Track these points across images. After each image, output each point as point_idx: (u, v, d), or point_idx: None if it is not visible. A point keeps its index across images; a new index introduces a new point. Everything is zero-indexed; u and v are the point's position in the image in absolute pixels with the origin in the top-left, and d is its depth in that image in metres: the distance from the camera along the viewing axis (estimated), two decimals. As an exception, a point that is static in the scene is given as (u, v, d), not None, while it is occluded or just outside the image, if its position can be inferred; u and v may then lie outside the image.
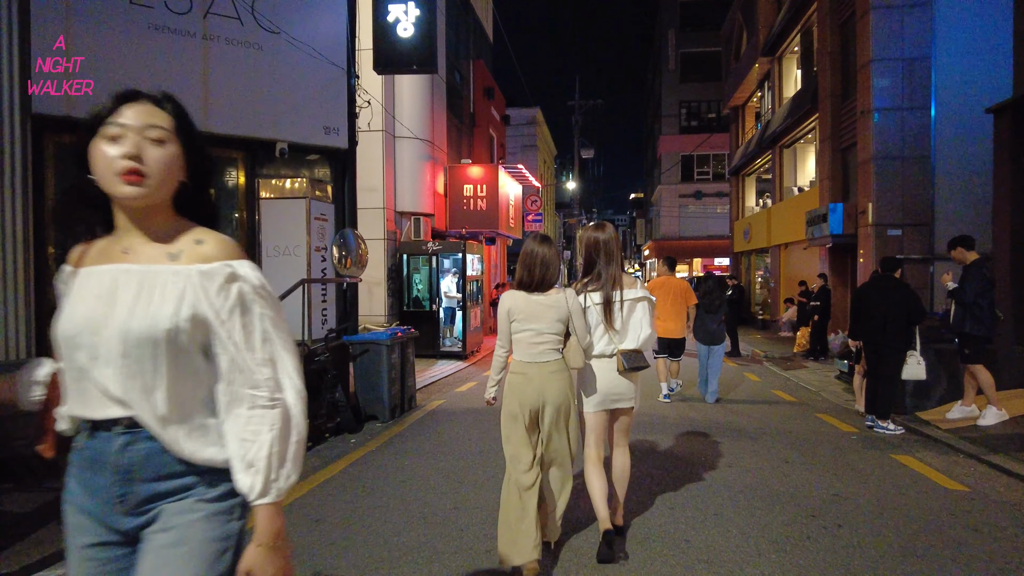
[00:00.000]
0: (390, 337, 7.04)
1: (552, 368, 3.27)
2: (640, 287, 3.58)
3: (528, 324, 3.28)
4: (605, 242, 3.51)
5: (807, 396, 8.99)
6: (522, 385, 3.27)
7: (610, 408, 3.51)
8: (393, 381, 7.16)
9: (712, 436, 6.39)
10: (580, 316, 3.36)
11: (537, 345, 3.28)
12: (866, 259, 13.15)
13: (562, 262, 4.61)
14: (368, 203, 12.75)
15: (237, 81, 6.59)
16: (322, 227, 7.20)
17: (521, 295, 3.31)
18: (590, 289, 3.52)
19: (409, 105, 13.27)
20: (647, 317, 3.52)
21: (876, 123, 12.81)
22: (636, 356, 3.44)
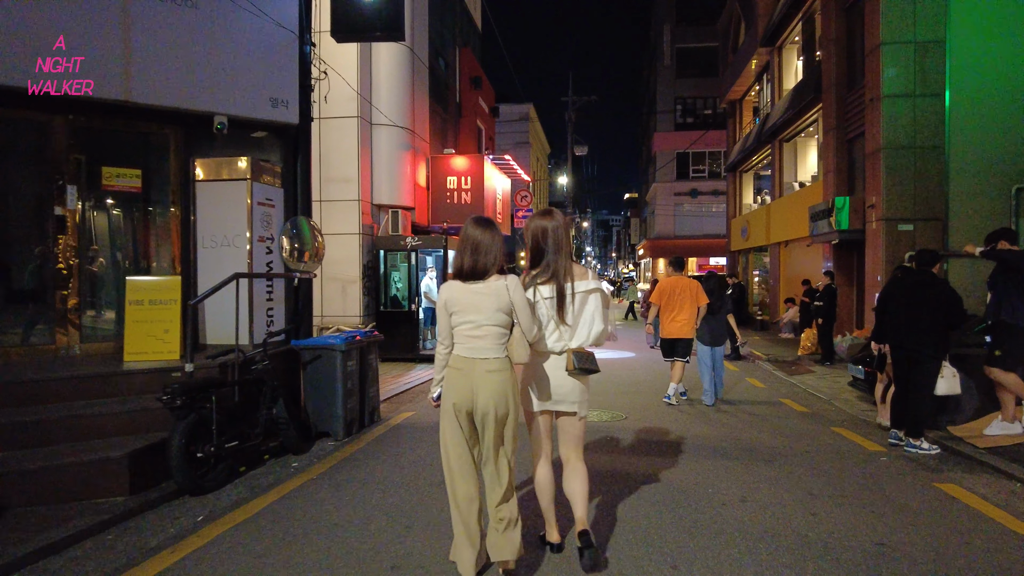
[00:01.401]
0: (345, 341, 6.03)
1: (491, 367, 2.98)
2: (592, 277, 3.25)
3: (466, 316, 2.99)
4: (553, 230, 3.18)
5: (819, 406, 8.01)
6: (456, 381, 3.01)
7: (553, 409, 3.25)
8: (350, 392, 6.15)
9: (720, 458, 5.39)
10: (525, 306, 3.03)
11: (476, 339, 3.00)
12: (875, 256, 12.20)
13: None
14: (341, 195, 11.75)
15: (165, 44, 5.57)
16: (268, 214, 6.19)
17: (458, 285, 3.03)
18: (540, 282, 3.18)
19: (387, 90, 12.26)
20: (600, 311, 3.23)
21: (886, 111, 11.85)
22: (588, 358, 3.17)
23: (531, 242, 3.24)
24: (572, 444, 3.32)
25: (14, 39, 4.90)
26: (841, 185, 14.17)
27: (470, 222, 3.11)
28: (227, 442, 4.77)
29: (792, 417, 7.23)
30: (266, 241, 6.20)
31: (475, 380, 2.98)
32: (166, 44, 5.60)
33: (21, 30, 4.93)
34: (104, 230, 6.09)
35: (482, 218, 3.13)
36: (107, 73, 5.25)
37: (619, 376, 10.21)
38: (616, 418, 6.92)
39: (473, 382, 2.98)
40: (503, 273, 3.04)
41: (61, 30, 5.05)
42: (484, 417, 3.00)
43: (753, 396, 8.58)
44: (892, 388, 6.46)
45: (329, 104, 11.79)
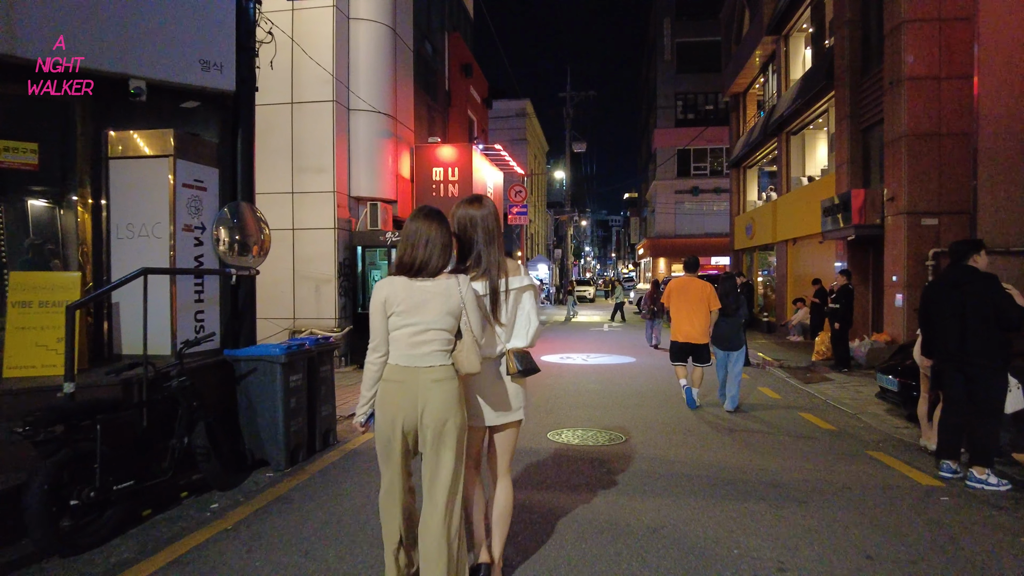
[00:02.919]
0: (287, 352, 4.95)
1: (437, 375, 2.65)
2: (524, 273, 2.99)
3: (410, 317, 2.64)
4: (483, 219, 2.87)
5: (845, 421, 6.94)
6: (395, 396, 2.66)
7: (495, 423, 2.91)
8: (294, 412, 5.08)
9: (743, 498, 4.31)
10: (476, 307, 2.72)
11: (420, 344, 2.66)
12: (895, 253, 11.13)
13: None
14: (315, 186, 10.69)
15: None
16: (197, 198, 5.12)
17: (401, 281, 2.67)
18: (471, 277, 2.82)
19: (367, 73, 11.20)
20: (535, 308, 2.96)
21: (908, 95, 10.77)
22: (527, 357, 2.88)
23: (458, 232, 2.86)
24: (505, 455, 2.97)
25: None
26: (856, 177, 13.09)
27: (417, 212, 2.75)
28: (119, 482, 3.70)
29: (818, 437, 6.15)
30: (195, 230, 5.13)
31: (420, 392, 2.62)
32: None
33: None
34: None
35: (431, 208, 2.78)
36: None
37: (618, 386, 9.13)
38: (614, 440, 5.84)
39: (417, 394, 2.62)
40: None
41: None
42: (436, 433, 2.62)
43: (770, 409, 7.50)
44: (938, 408, 5.41)
45: (301, 87, 10.76)
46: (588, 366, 11.18)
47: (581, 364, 11.43)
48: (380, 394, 2.68)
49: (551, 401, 7.77)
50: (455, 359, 2.67)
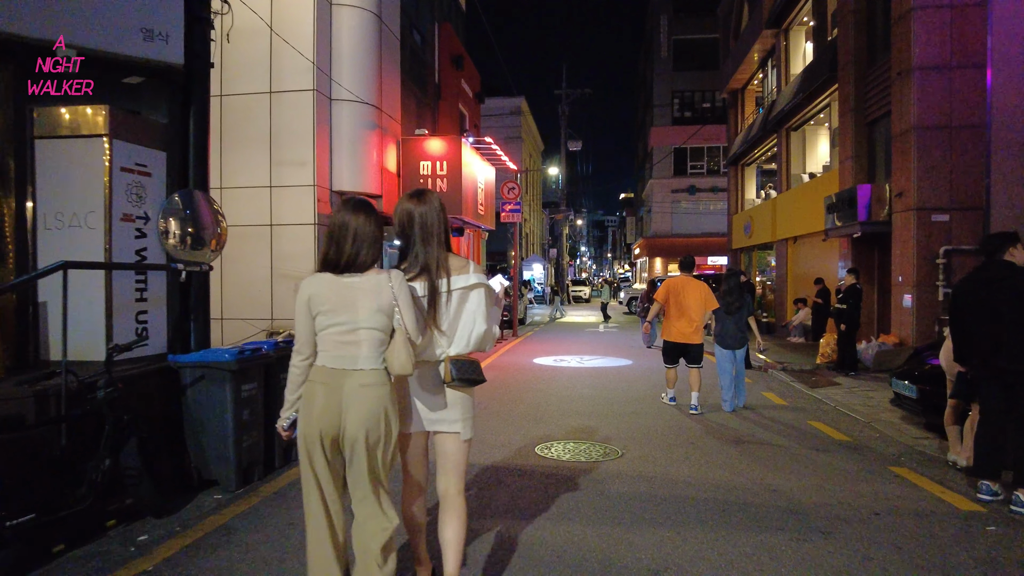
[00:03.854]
0: (238, 358, 4.34)
1: (365, 380, 2.44)
2: (475, 269, 2.68)
3: (337, 316, 2.44)
4: (421, 215, 2.61)
5: (859, 431, 6.35)
6: (318, 398, 2.43)
7: (427, 429, 2.66)
8: (247, 426, 4.47)
9: (757, 528, 3.71)
10: (410, 304, 2.48)
11: (349, 345, 2.45)
12: (903, 251, 10.56)
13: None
14: (294, 179, 10.06)
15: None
16: (138, 184, 4.50)
17: (327, 278, 2.46)
18: (408, 277, 2.58)
19: (350, 61, 10.57)
20: (482, 309, 2.63)
21: (917, 86, 10.21)
22: (469, 365, 2.58)
23: (397, 229, 2.68)
24: (452, 473, 2.71)
25: None
26: (861, 173, 12.53)
27: (344, 204, 2.60)
28: (15, 516, 3.08)
29: (832, 449, 5.56)
30: (135, 221, 4.51)
31: (345, 397, 2.44)
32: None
33: None
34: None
35: (359, 199, 2.64)
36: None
37: (614, 391, 8.53)
38: (609, 455, 5.23)
39: (342, 399, 2.44)
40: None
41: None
42: (355, 444, 2.45)
43: (776, 417, 6.91)
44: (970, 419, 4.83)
45: (280, 75, 10.14)
46: (582, 369, 10.58)
47: (575, 367, 10.83)
48: (304, 397, 2.50)
49: (542, 409, 7.16)
50: (386, 358, 2.47)
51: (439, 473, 2.71)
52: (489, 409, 7.13)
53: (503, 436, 5.84)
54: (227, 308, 10.24)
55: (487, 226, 14.92)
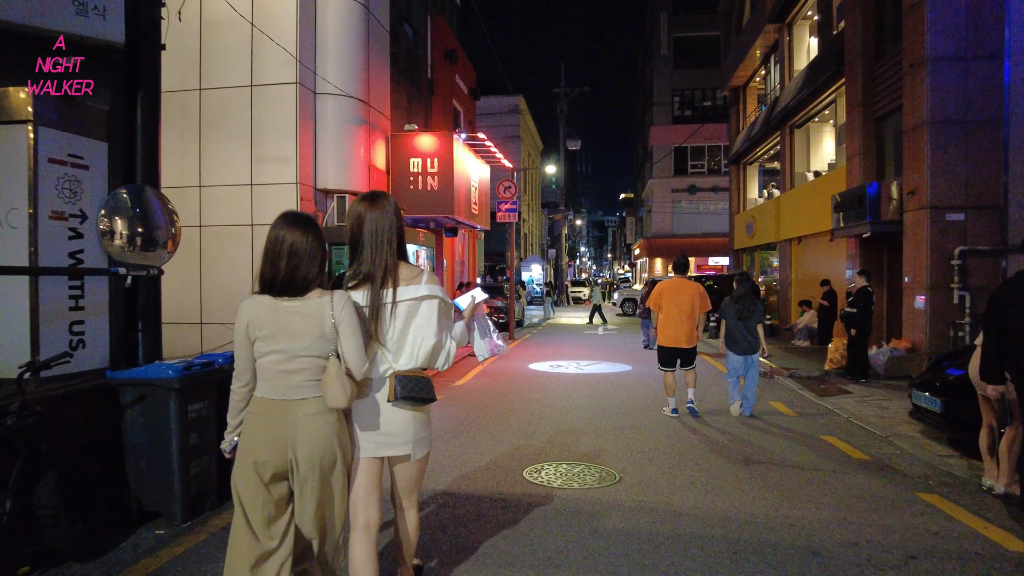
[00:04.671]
0: (182, 374, 3.81)
1: (311, 408, 2.30)
2: (428, 280, 2.49)
3: (276, 343, 2.28)
4: (372, 220, 2.45)
5: (877, 448, 5.81)
6: (262, 432, 2.30)
7: (380, 455, 2.48)
8: (196, 450, 3.94)
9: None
10: (355, 330, 2.32)
11: (290, 374, 2.30)
12: (915, 252, 10.02)
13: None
14: (275, 177, 9.55)
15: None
16: (72, 179, 3.98)
17: (266, 302, 2.31)
18: (351, 286, 2.43)
19: (336, 54, 10.06)
20: (433, 323, 2.46)
21: (931, 78, 9.66)
22: (416, 382, 2.41)
23: (347, 233, 2.52)
24: (407, 490, 2.62)
25: None
26: (869, 170, 11.99)
27: (279, 218, 2.37)
28: None
29: (851, 470, 5.02)
30: (69, 219, 3.97)
31: (293, 428, 2.27)
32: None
33: None
34: None
35: (298, 214, 2.42)
36: None
37: (612, 401, 7.99)
38: (606, 480, 4.69)
39: (290, 430, 2.27)
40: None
41: None
42: (308, 475, 2.28)
43: (786, 430, 6.38)
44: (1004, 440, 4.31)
45: (262, 68, 9.63)
46: (579, 376, 10.04)
47: (572, 374, 10.29)
48: (244, 429, 2.35)
49: (534, 423, 6.63)
50: (322, 388, 2.29)
51: (394, 488, 2.61)
52: (477, 424, 6.60)
53: (490, 456, 5.30)
54: (207, 312, 9.72)
55: (481, 226, 14.38)
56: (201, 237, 9.70)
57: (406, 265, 2.51)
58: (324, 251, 2.41)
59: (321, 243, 2.39)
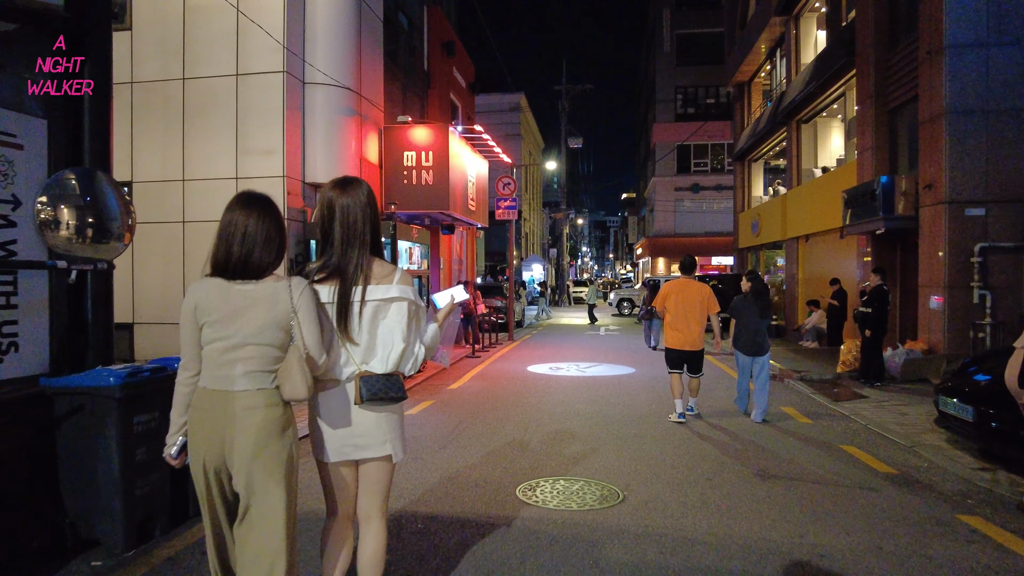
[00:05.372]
0: (124, 381, 3.32)
1: (249, 402, 2.13)
2: (401, 280, 2.32)
3: (224, 329, 2.13)
4: (344, 208, 2.28)
5: (903, 460, 5.31)
6: (201, 427, 2.15)
7: (352, 458, 2.32)
8: (143, 468, 3.45)
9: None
10: (312, 318, 2.19)
11: (233, 363, 2.14)
12: (932, 248, 9.52)
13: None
14: (261, 170, 9.07)
15: None
16: (1, 159, 3.49)
17: (217, 284, 2.17)
18: (317, 279, 2.27)
19: (326, 42, 9.57)
20: (401, 326, 2.29)
21: (950, 66, 9.15)
22: (385, 382, 2.25)
23: (316, 222, 2.33)
24: (374, 495, 2.37)
25: None
26: (882, 164, 11.48)
27: (235, 198, 2.22)
28: None
29: (880, 487, 4.52)
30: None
31: (228, 423, 2.11)
32: None
33: None
34: None
35: (253, 193, 2.25)
36: None
37: (615, 407, 7.49)
38: (608, 500, 4.19)
39: (225, 426, 2.11)
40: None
41: None
42: (243, 477, 2.12)
43: (802, 439, 5.87)
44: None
45: (247, 56, 9.15)
46: (580, 379, 9.54)
47: (573, 377, 9.80)
48: (189, 424, 2.20)
49: (531, 431, 6.13)
50: (278, 380, 2.17)
51: (361, 494, 2.38)
52: (470, 432, 6.10)
53: (481, 470, 4.80)
54: (189, 312, 9.22)
55: (479, 223, 13.88)
56: (184, 233, 9.22)
57: (379, 261, 2.33)
58: (283, 235, 2.26)
59: (279, 226, 2.24)
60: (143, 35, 9.36)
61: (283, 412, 2.20)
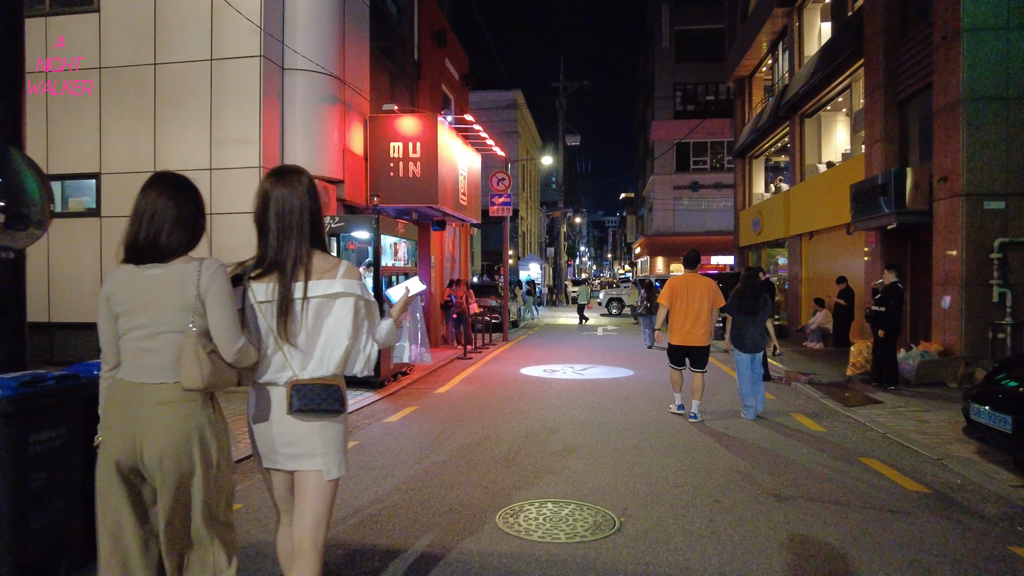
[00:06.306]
0: (16, 392, 2.73)
1: (165, 395, 2.01)
2: (345, 274, 2.13)
3: (136, 317, 2.02)
4: (281, 200, 2.11)
5: (933, 475, 4.72)
6: (116, 421, 2.02)
7: (282, 467, 2.14)
8: (42, 496, 2.86)
9: None
10: (224, 302, 2.02)
11: (148, 353, 2.02)
12: (947, 244, 8.93)
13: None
14: (236, 160, 8.49)
15: None
16: None
17: (128, 270, 2.05)
18: (254, 275, 2.11)
19: (306, 25, 8.97)
20: (346, 324, 2.12)
21: (968, 50, 8.57)
22: (317, 392, 2.06)
23: (255, 215, 2.16)
24: (306, 519, 2.09)
25: None
26: (891, 156, 10.89)
27: (149, 180, 2.10)
28: None
29: (913, 509, 3.92)
30: None
31: (141, 418, 1.98)
32: None
33: None
34: None
35: (166, 174, 2.13)
36: None
37: (612, 413, 6.89)
38: (602, 528, 3.58)
39: (137, 422, 1.98)
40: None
41: None
42: (158, 477, 1.98)
43: (817, 451, 5.27)
44: None
45: (223, 39, 8.58)
46: (576, 383, 8.94)
47: (567, 380, 9.20)
48: (103, 419, 2.06)
49: (519, 442, 5.53)
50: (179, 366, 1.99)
51: (295, 517, 2.13)
52: (451, 443, 5.50)
53: (459, 490, 4.20)
54: (160, 311, 8.62)
55: (470, 219, 13.28)
56: (155, 227, 8.62)
57: (321, 255, 2.15)
58: (198, 217, 2.12)
59: (195, 208, 2.10)
60: (111, 18, 8.76)
61: (201, 407, 2.04)
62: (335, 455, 2.13)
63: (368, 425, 6.22)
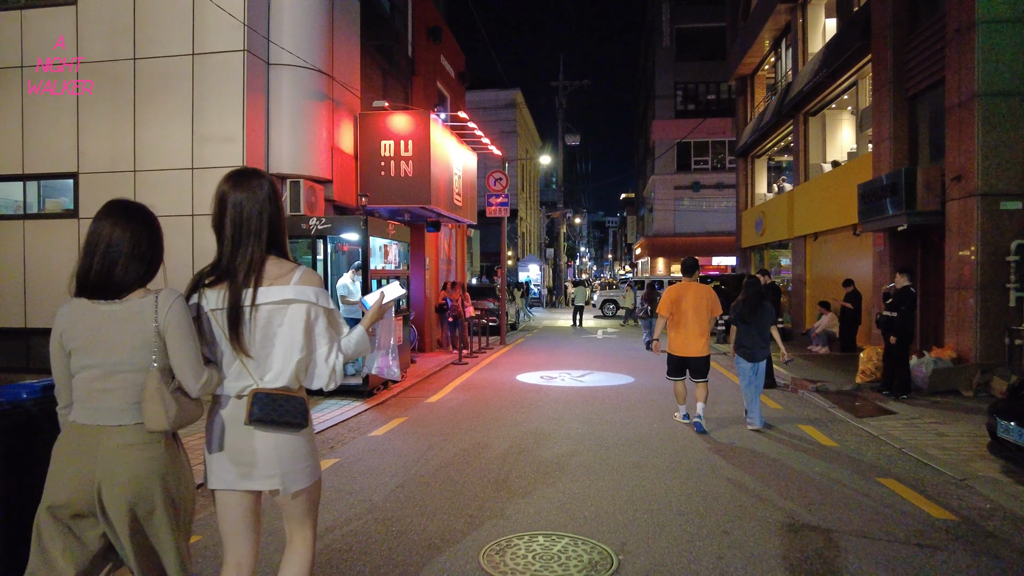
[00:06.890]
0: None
1: (124, 439, 1.90)
2: (299, 280, 2.03)
3: (90, 356, 1.92)
4: (238, 204, 2.02)
5: (960, 499, 4.32)
6: (66, 466, 1.91)
7: (235, 487, 2.01)
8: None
9: None
10: (183, 335, 1.93)
11: (103, 394, 1.92)
12: (960, 246, 8.55)
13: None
14: (219, 159, 8.12)
15: None
16: None
17: (82, 306, 1.96)
18: (208, 282, 2.02)
19: (293, 19, 8.59)
20: (298, 333, 2.00)
21: (982, 43, 8.18)
22: (280, 403, 1.97)
23: (211, 220, 2.08)
24: (295, 521, 2.11)
25: None
26: (901, 155, 10.50)
27: (104, 207, 1.99)
28: None
29: (943, 543, 3.53)
30: None
31: (100, 462, 1.88)
32: None
33: None
34: None
35: (121, 202, 2.01)
36: None
37: (611, 426, 6.50)
38: (598, 569, 3.18)
39: (96, 466, 1.87)
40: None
41: None
42: (117, 523, 1.87)
43: (830, 469, 4.88)
44: None
45: (205, 33, 8.21)
46: (574, 391, 8.56)
47: (565, 387, 8.81)
48: (52, 461, 1.93)
49: (510, 460, 5.14)
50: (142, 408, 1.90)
51: (284, 518, 2.10)
52: (439, 460, 5.12)
53: (441, 519, 3.81)
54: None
55: (465, 219, 12.90)
56: (135, 229, 8.24)
57: (275, 260, 2.04)
58: (155, 249, 2.01)
59: (152, 239, 1.99)
60: (89, 11, 8.38)
61: (164, 450, 1.94)
62: (302, 471, 2.03)
63: (352, 440, 5.83)
